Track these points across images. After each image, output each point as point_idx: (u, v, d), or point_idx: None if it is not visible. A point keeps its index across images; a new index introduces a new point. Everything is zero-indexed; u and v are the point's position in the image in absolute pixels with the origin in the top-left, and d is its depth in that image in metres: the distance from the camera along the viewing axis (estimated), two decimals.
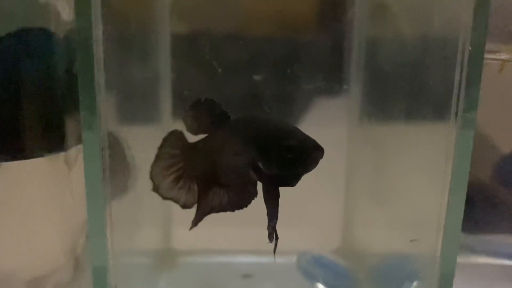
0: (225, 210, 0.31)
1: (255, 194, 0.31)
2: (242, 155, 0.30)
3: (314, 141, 0.29)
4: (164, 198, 0.32)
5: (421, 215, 0.34)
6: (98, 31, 0.26)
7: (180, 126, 0.44)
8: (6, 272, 0.38)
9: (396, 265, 0.39)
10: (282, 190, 0.30)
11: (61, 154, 0.35)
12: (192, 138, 0.33)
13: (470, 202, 0.30)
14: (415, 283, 0.36)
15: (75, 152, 0.35)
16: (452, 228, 0.30)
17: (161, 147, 0.32)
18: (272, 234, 0.30)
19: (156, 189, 0.32)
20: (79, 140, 0.31)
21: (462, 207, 0.29)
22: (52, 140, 0.35)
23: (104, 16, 0.26)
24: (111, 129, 0.28)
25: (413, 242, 0.36)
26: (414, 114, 0.35)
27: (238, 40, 0.43)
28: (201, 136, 0.32)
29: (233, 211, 0.31)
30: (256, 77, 0.43)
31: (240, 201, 0.31)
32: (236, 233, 0.34)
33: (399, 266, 0.39)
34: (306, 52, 0.44)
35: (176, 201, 0.32)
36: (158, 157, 0.32)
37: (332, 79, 0.45)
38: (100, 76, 0.26)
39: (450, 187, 0.29)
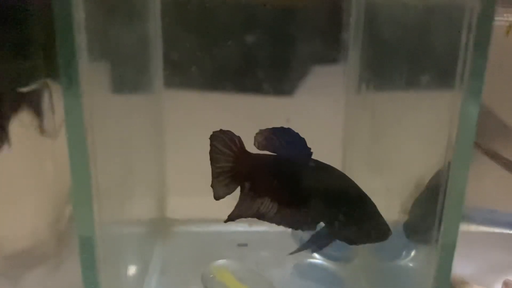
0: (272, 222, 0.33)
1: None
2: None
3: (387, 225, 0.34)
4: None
5: (422, 184, 0.34)
6: None
7: (172, 94, 0.44)
8: None
9: (396, 234, 0.39)
10: None
11: (37, 125, 0.35)
12: None
13: None
14: (413, 252, 0.36)
15: (59, 121, 0.35)
16: (454, 197, 0.29)
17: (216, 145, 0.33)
18: None
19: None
20: None
21: (466, 177, 0.28)
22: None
23: None
24: (96, 97, 0.27)
25: None
26: (416, 81, 0.34)
27: (232, 3, 0.42)
28: None
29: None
30: (251, 42, 0.42)
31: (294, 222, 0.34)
32: (231, 202, 0.34)
33: (398, 235, 0.38)
34: (303, 16, 0.43)
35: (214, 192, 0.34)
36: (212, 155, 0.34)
37: (330, 44, 0.44)
38: (81, 39, 0.24)
39: (454, 157, 0.28)
